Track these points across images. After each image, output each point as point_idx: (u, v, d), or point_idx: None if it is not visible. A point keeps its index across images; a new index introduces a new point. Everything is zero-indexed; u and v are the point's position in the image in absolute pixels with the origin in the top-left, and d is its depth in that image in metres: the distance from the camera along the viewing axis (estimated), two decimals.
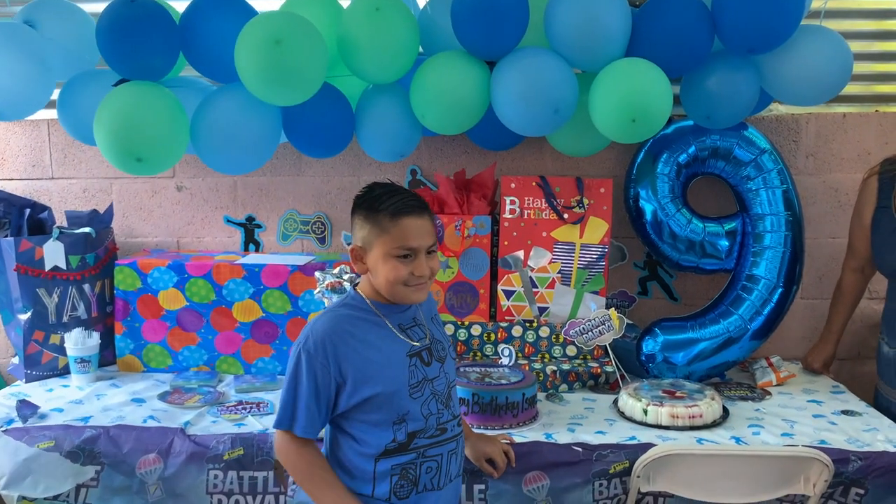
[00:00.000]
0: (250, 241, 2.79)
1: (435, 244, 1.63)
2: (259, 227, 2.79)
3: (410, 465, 1.61)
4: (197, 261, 2.49)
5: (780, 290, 2.36)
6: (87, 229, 2.49)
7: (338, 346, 1.56)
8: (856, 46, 2.31)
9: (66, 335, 2.39)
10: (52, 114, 2.61)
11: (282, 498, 1.94)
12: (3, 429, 2.00)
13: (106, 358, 2.51)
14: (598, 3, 2.06)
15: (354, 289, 1.68)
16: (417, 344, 1.65)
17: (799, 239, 2.40)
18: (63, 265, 2.43)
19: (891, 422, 2.08)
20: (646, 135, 2.16)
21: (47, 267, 2.40)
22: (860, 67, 2.52)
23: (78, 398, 2.26)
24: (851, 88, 2.54)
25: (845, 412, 2.16)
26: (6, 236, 2.39)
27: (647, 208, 2.45)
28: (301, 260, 2.52)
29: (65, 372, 2.45)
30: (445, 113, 2.20)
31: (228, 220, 2.79)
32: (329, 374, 1.55)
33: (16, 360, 2.48)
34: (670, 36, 2.11)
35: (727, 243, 2.45)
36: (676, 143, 2.43)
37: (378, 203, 1.59)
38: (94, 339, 2.41)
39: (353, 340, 1.58)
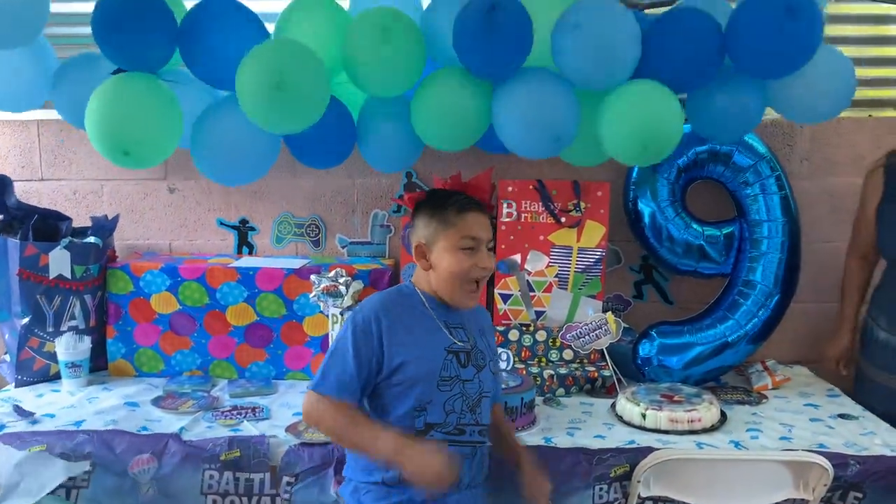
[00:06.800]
0: (244, 243, 2.76)
1: (493, 241, 1.77)
2: (253, 229, 2.76)
3: None
4: (190, 264, 2.46)
5: (776, 297, 2.37)
6: (92, 239, 2.42)
7: (382, 322, 1.66)
8: (850, 51, 2.30)
9: (57, 339, 2.35)
10: (41, 114, 2.58)
11: (277, 500, 1.92)
12: None
13: (98, 365, 2.47)
14: (609, 34, 1.96)
15: (410, 281, 1.79)
16: (459, 343, 1.71)
17: (796, 245, 2.41)
18: (68, 274, 2.37)
19: (888, 425, 2.09)
20: (656, 159, 2.11)
21: (52, 275, 2.35)
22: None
23: (70, 403, 2.23)
24: None
25: (842, 416, 2.17)
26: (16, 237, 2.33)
27: (646, 211, 2.45)
28: (296, 263, 2.50)
29: (56, 377, 2.40)
30: (447, 132, 2.16)
31: (222, 223, 2.76)
32: (371, 349, 1.64)
33: (7, 357, 2.44)
34: (680, 56, 2.01)
35: (725, 248, 2.45)
36: (677, 147, 2.40)
37: (444, 201, 1.73)
38: (86, 342, 2.37)
39: (398, 322, 1.68)
